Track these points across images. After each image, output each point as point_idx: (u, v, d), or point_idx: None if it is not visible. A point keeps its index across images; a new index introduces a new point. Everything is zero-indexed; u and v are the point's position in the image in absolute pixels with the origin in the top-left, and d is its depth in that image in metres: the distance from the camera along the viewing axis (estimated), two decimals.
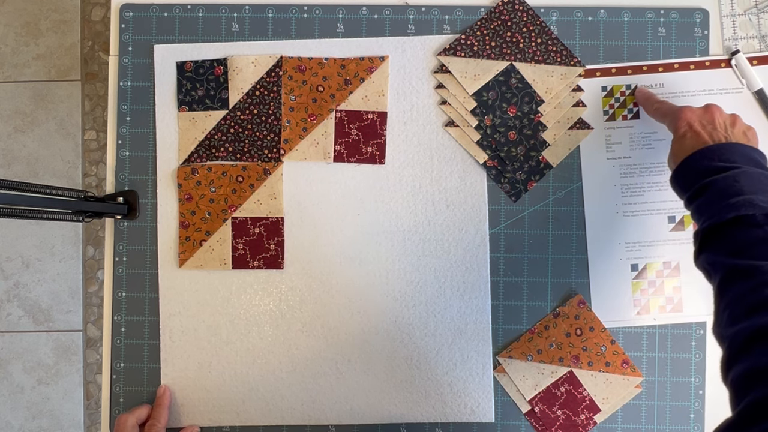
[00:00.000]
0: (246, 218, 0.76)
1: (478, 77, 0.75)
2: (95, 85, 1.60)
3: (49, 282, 1.58)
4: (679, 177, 0.61)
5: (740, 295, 0.50)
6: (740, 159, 0.58)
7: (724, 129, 0.61)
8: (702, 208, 0.57)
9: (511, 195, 0.76)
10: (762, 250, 0.51)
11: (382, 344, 0.76)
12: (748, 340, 0.46)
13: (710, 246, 0.55)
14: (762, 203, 0.53)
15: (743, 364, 0.45)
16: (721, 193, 0.56)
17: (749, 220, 0.53)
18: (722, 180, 0.56)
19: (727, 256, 0.53)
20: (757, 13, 0.76)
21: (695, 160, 0.60)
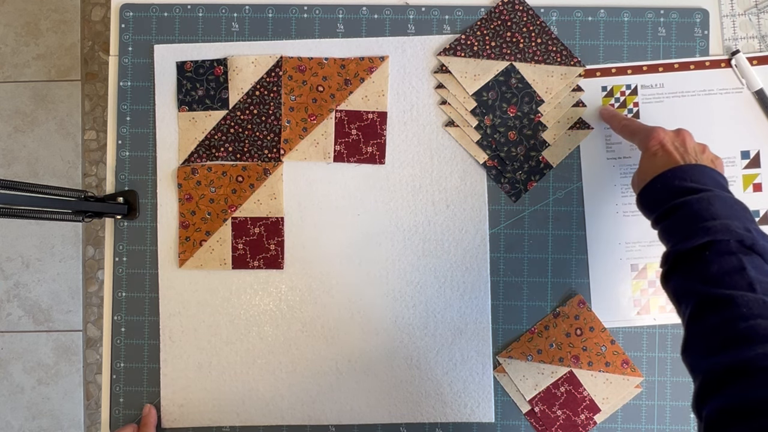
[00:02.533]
0: (246, 218, 0.76)
1: (478, 77, 0.75)
2: (95, 85, 1.60)
3: (49, 282, 1.58)
4: (648, 195, 0.60)
5: (715, 326, 0.48)
6: (710, 182, 0.57)
7: (694, 153, 0.61)
8: (673, 229, 0.56)
9: (511, 195, 0.76)
10: (737, 279, 0.49)
11: (382, 344, 0.76)
12: (724, 375, 0.45)
13: (682, 271, 0.54)
14: (737, 229, 0.52)
15: (718, 401, 0.44)
16: (695, 215, 0.54)
17: (723, 246, 0.51)
18: (696, 202, 0.55)
19: (700, 283, 0.51)
20: (757, 13, 0.76)
21: (667, 179, 0.59)
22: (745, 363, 0.44)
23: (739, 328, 0.46)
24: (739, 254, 0.51)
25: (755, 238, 0.52)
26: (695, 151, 0.61)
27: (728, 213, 0.54)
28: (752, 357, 0.44)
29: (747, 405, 0.42)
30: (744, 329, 0.46)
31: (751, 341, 0.45)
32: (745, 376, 0.44)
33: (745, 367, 0.44)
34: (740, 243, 0.51)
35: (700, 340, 0.49)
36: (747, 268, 0.50)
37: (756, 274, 0.49)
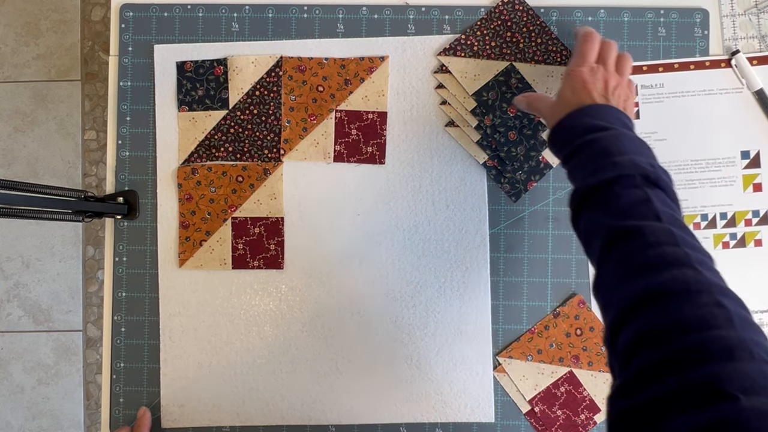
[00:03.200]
0: (246, 218, 0.76)
1: (478, 77, 0.75)
2: (95, 85, 1.60)
3: (49, 282, 1.58)
4: (558, 132, 0.61)
5: (624, 257, 0.49)
6: (616, 122, 0.59)
7: (610, 91, 0.62)
8: (583, 165, 0.57)
9: (511, 195, 0.76)
10: (643, 211, 0.50)
11: (382, 344, 0.76)
12: (636, 302, 0.45)
13: (591, 206, 0.54)
14: (643, 164, 0.53)
15: (632, 327, 0.44)
16: (604, 150, 0.55)
17: (630, 181, 0.52)
18: (605, 138, 0.56)
19: (609, 217, 0.52)
20: (757, 13, 0.76)
21: (577, 118, 0.60)
22: (654, 289, 0.45)
23: (647, 256, 0.47)
24: (644, 188, 0.52)
25: (659, 173, 0.53)
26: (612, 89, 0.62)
27: (635, 149, 0.55)
28: (660, 282, 0.45)
29: (657, 329, 0.43)
30: (652, 256, 0.47)
31: (659, 267, 0.46)
32: (655, 301, 0.44)
33: (655, 293, 0.44)
34: (645, 178, 0.53)
35: (611, 274, 0.50)
36: (652, 200, 0.51)
37: (661, 206, 0.51)
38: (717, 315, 0.41)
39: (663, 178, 0.53)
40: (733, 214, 0.76)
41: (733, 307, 0.42)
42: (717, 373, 0.38)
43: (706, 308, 0.42)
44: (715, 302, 0.42)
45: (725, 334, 0.40)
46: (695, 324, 0.41)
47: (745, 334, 0.40)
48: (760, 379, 0.37)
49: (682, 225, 0.50)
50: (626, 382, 0.42)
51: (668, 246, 0.47)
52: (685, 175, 0.76)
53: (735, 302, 0.43)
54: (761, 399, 0.36)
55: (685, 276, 0.44)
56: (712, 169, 0.76)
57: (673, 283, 0.44)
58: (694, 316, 0.42)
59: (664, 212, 0.50)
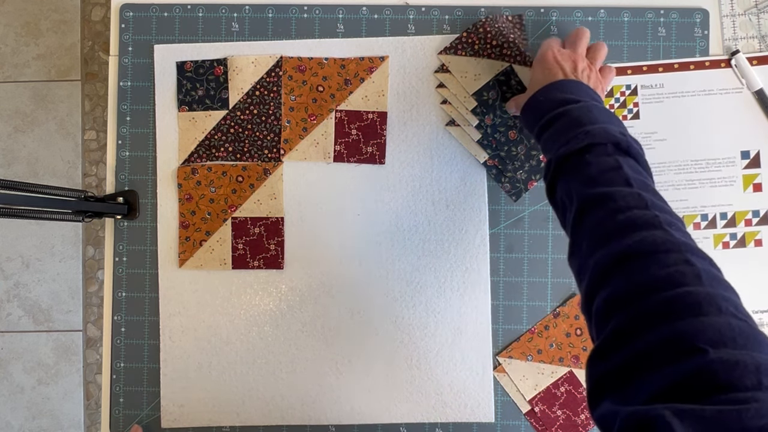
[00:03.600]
0: (246, 218, 0.76)
1: (478, 77, 0.74)
2: (95, 85, 1.60)
3: (49, 282, 1.58)
4: (531, 106, 0.63)
5: (597, 223, 0.49)
6: (586, 97, 0.60)
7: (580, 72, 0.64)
8: (556, 136, 0.58)
9: (511, 194, 0.76)
10: (613, 177, 0.51)
11: (382, 344, 0.76)
12: (609, 266, 0.46)
13: (564, 174, 0.55)
14: (615, 133, 0.54)
15: (606, 291, 0.45)
16: (576, 120, 0.57)
17: (602, 149, 0.53)
18: (577, 109, 0.58)
19: (581, 184, 0.53)
20: (757, 13, 0.76)
21: (549, 92, 0.61)
22: (624, 251, 0.46)
23: (617, 220, 0.48)
24: (615, 155, 0.53)
25: (630, 142, 0.54)
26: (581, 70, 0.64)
27: (606, 119, 0.56)
28: (630, 245, 0.45)
29: (628, 291, 0.43)
30: (622, 221, 0.47)
31: (628, 231, 0.47)
32: (625, 263, 0.45)
33: (625, 256, 0.45)
34: (616, 146, 0.53)
35: (584, 240, 0.51)
36: (623, 167, 0.51)
37: (631, 173, 0.51)
38: (685, 272, 0.42)
39: (634, 146, 0.54)
40: (733, 214, 0.75)
41: (702, 265, 0.43)
42: (686, 328, 0.39)
43: (675, 266, 0.43)
44: (683, 260, 0.43)
45: (693, 290, 0.41)
46: (664, 282, 0.42)
47: (713, 290, 0.41)
48: (727, 332, 0.38)
49: (652, 190, 0.51)
50: (601, 345, 0.43)
51: (638, 210, 0.48)
52: (685, 175, 0.76)
53: (704, 260, 0.44)
54: (728, 351, 0.37)
55: (654, 237, 0.45)
56: (712, 169, 0.76)
57: (643, 244, 0.45)
58: (663, 275, 0.43)
59: (634, 178, 0.51)
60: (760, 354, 0.36)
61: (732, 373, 0.35)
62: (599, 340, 0.44)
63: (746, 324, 0.39)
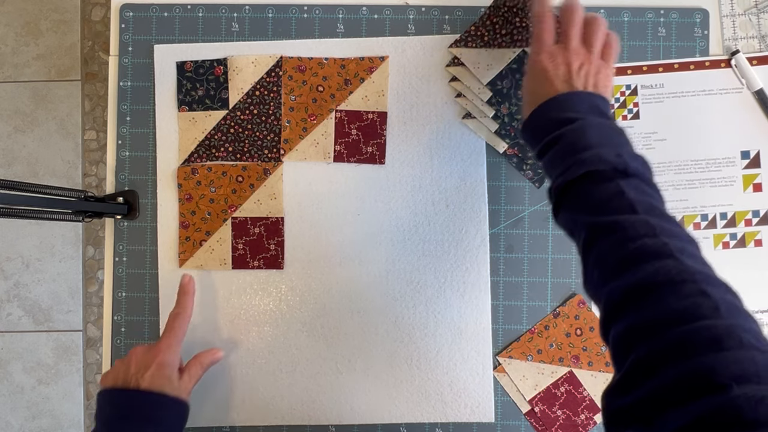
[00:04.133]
0: (246, 218, 0.76)
1: (491, 67, 0.74)
2: (95, 85, 1.60)
3: (49, 282, 1.58)
4: (530, 128, 0.60)
5: (607, 253, 0.49)
6: (586, 108, 0.57)
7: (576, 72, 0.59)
8: (553, 164, 0.57)
9: (534, 181, 0.76)
10: (618, 204, 0.50)
11: (382, 344, 0.76)
12: (622, 298, 0.45)
13: (568, 203, 0.54)
14: (609, 157, 0.52)
15: (621, 324, 0.45)
16: (570, 147, 0.55)
17: (600, 175, 0.52)
18: (571, 133, 0.55)
19: (586, 214, 0.52)
20: (757, 13, 0.76)
21: (544, 112, 0.59)
22: (637, 284, 0.45)
23: (627, 251, 0.47)
24: (616, 179, 0.51)
25: (626, 162, 0.52)
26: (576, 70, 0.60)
27: (601, 141, 0.54)
28: (643, 277, 0.45)
29: (644, 325, 0.43)
30: (632, 251, 0.47)
31: (639, 261, 0.46)
32: (639, 297, 0.44)
33: (639, 289, 0.45)
34: (614, 169, 0.52)
35: (596, 269, 0.50)
36: (625, 191, 0.50)
37: (635, 195, 0.50)
38: (702, 304, 0.41)
39: (632, 165, 0.53)
40: (733, 214, 0.76)
41: (719, 294, 0.42)
42: (708, 364, 0.38)
43: (691, 298, 0.42)
44: (699, 291, 0.42)
45: (712, 324, 0.40)
46: (681, 316, 0.41)
47: (733, 321, 0.40)
48: (750, 366, 0.37)
49: (659, 212, 0.50)
50: (620, 380, 0.42)
51: (648, 238, 0.47)
52: (685, 175, 0.76)
53: (720, 288, 0.43)
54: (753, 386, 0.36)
55: (666, 267, 0.44)
56: (712, 169, 0.76)
57: (656, 276, 0.44)
58: (679, 308, 0.42)
59: (638, 201, 0.50)
60: None
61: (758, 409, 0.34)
62: (619, 374, 0.43)
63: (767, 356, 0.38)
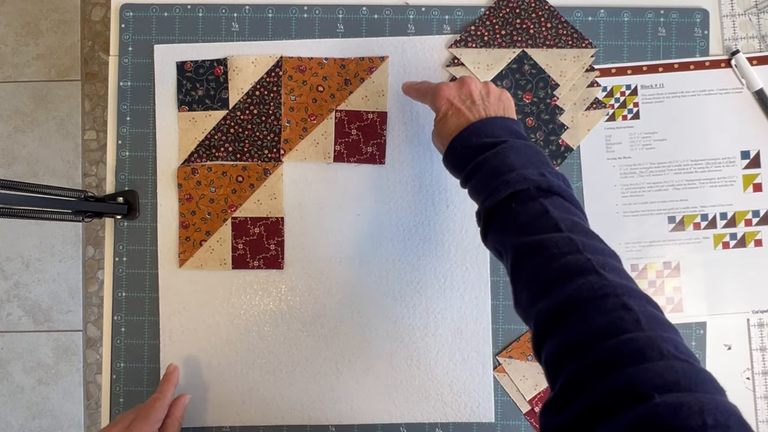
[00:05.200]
0: (246, 218, 0.76)
1: (491, 66, 0.75)
2: (95, 85, 1.60)
3: (49, 282, 1.58)
4: (450, 158, 0.61)
5: (533, 273, 0.50)
6: (503, 132, 0.59)
7: (482, 101, 0.61)
8: (479, 188, 0.58)
9: None
10: (543, 223, 0.51)
11: (382, 344, 0.76)
12: (550, 317, 0.46)
13: (495, 225, 0.55)
14: (533, 176, 0.54)
15: (551, 343, 0.45)
16: (494, 170, 0.56)
17: (525, 195, 0.53)
18: (493, 157, 0.56)
19: (513, 235, 0.53)
20: (757, 13, 0.76)
21: (464, 139, 0.59)
22: (564, 301, 0.46)
23: (553, 269, 0.48)
24: (540, 198, 0.52)
25: (550, 180, 0.54)
26: (482, 97, 0.62)
27: (523, 162, 0.55)
28: (568, 294, 0.46)
29: (570, 343, 0.44)
30: (558, 268, 0.48)
31: (566, 278, 0.47)
32: (567, 313, 0.45)
33: (566, 305, 0.46)
34: (538, 188, 0.53)
35: (525, 290, 0.51)
36: (549, 210, 0.51)
37: (559, 213, 0.51)
38: (624, 318, 0.42)
39: (555, 184, 0.54)
40: (733, 214, 0.76)
41: (640, 307, 0.43)
42: (631, 376, 0.39)
43: (614, 313, 0.43)
44: (621, 305, 0.43)
45: (635, 336, 0.41)
46: (605, 331, 0.43)
47: (654, 332, 0.41)
48: (670, 375, 0.38)
49: (582, 228, 0.51)
50: (554, 398, 0.43)
51: (571, 255, 0.48)
52: (685, 175, 0.76)
53: (641, 301, 0.44)
54: (673, 394, 0.37)
55: (589, 283, 0.45)
56: (712, 169, 0.76)
57: (580, 292, 0.45)
58: (603, 323, 0.43)
59: (562, 219, 0.51)
60: (703, 394, 0.37)
61: (678, 415, 0.36)
62: (552, 393, 0.44)
63: (688, 364, 0.39)
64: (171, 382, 0.72)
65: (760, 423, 0.75)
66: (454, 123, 0.61)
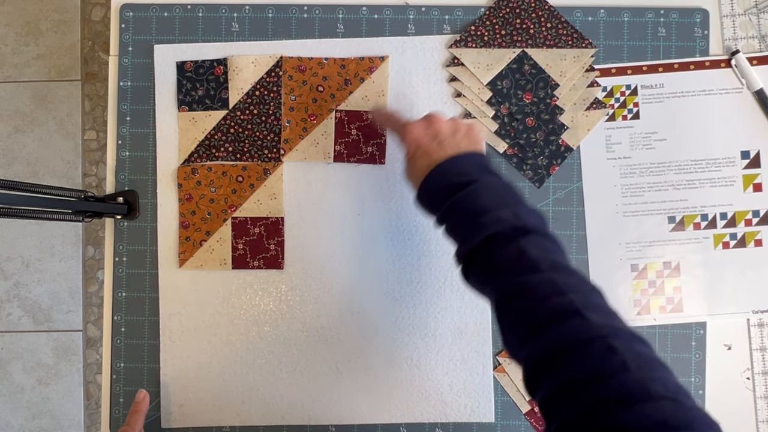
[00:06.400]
0: (246, 218, 0.76)
1: (491, 66, 0.75)
2: (95, 85, 1.60)
3: (49, 282, 1.58)
4: (422, 199, 0.61)
5: (517, 317, 0.50)
6: (474, 170, 0.58)
7: (450, 138, 0.61)
8: (454, 231, 0.58)
9: (534, 181, 0.76)
10: (521, 265, 0.51)
11: (382, 344, 0.76)
12: (539, 364, 0.47)
13: (474, 269, 0.56)
14: (507, 217, 0.54)
15: (543, 390, 0.46)
16: (467, 213, 0.56)
17: (501, 237, 0.53)
18: (466, 197, 0.56)
19: (494, 278, 0.53)
20: (757, 13, 0.76)
21: (434, 179, 0.59)
22: (551, 347, 0.46)
23: (537, 313, 0.48)
24: (517, 239, 0.52)
25: (524, 219, 0.54)
26: (450, 135, 0.61)
27: (496, 202, 0.55)
28: (555, 339, 0.46)
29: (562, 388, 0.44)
30: (542, 312, 0.48)
31: (550, 323, 0.47)
32: (554, 360, 0.45)
33: (553, 352, 0.46)
34: (514, 229, 0.53)
35: (511, 332, 0.51)
36: (527, 250, 0.51)
37: (537, 253, 0.51)
38: (611, 361, 0.43)
39: (530, 222, 0.54)
40: (733, 214, 0.76)
41: (625, 347, 0.44)
42: (620, 420, 0.40)
43: (600, 357, 0.43)
44: (606, 347, 0.44)
45: (622, 380, 0.42)
46: (593, 376, 0.43)
47: (641, 373, 0.42)
48: (659, 416, 0.39)
49: (561, 266, 0.51)
50: None
51: (554, 297, 0.48)
52: (685, 175, 0.76)
53: (626, 340, 0.45)
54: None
55: (574, 327, 0.46)
56: (712, 169, 0.76)
57: (566, 337, 0.46)
58: (590, 369, 0.43)
59: (541, 259, 0.51)
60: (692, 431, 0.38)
61: None
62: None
63: (676, 403, 0.40)
64: (140, 412, 0.71)
65: (760, 423, 0.75)
66: (424, 163, 0.60)
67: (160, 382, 0.76)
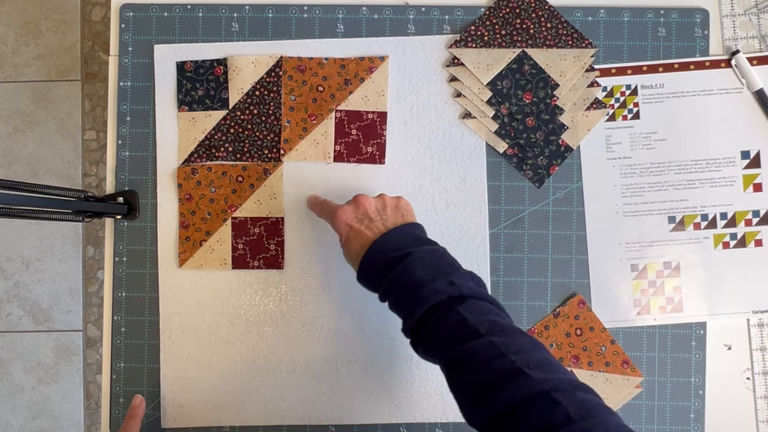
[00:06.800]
0: (246, 218, 0.76)
1: (491, 66, 0.75)
2: (95, 85, 1.60)
3: (49, 282, 1.58)
4: (364, 279, 0.63)
5: (466, 384, 0.52)
6: (407, 242, 0.60)
7: (379, 216, 0.63)
8: (396, 307, 0.60)
9: (534, 181, 0.76)
10: (463, 332, 0.53)
11: (382, 344, 0.76)
12: (494, 424, 0.48)
13: (421, 341, 0.58)
14: (443, 288, 0.56)
15: None
16: (405, 288, 0.58)
17: (440, 307, 0.55)
18: (401, 274, 0.58)
19: (439, 348, 0.55)
20: (757, 13, 0.76)
21: (370, 258, 0.61)
22: (498, 410, 0.48)
23: (482, 379, 0.50)
24: (455, 307, 0.55)
25: (460, 287, 0.56)
26: (378, 213, 0.64)
27: (431, 273, 0.57)
28: (502, 402, 0.48)
29: None
30: (487, 377, 0.50)
31: (496, 386, 0.49)
32: (506, 419, 0.48)
33: (500, 415, 0.48)
34: (451, 298, 0.55)
35: (462, 398, 0.53)
36: (466, 317, 0.54)
37: (475, 318, 0.54)
38: (555, 415, 0.45)
39: (466, 288, 0.56)
40: (733, 214, 0.76)
41: (567, 399, 0.46)
42: None
43: (545, 412, 0.46)
44: (550, 402, 0.46)
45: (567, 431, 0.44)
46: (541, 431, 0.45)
47: (584, 422, 0.44)
48: None
49: (500, 328, 0.53)
50: None
51: (496, 360, 0.50)
52: (685, 175, 0.76)
53: (567, 392, 0.47)
54: None
55: (518, 387, 0.48)
56: (712, 169, 0.76)
57: (512, 398, 0.48)
58: (537, 424, 0.45)
59: (480, 323, 0.53)
60: None
61: None
62: None
63: None
64: (136, 417, 0.71)
65: (760, 423, 0.75)
66: (358, 244, 0.62)
67: (160, 382, 0.76)
